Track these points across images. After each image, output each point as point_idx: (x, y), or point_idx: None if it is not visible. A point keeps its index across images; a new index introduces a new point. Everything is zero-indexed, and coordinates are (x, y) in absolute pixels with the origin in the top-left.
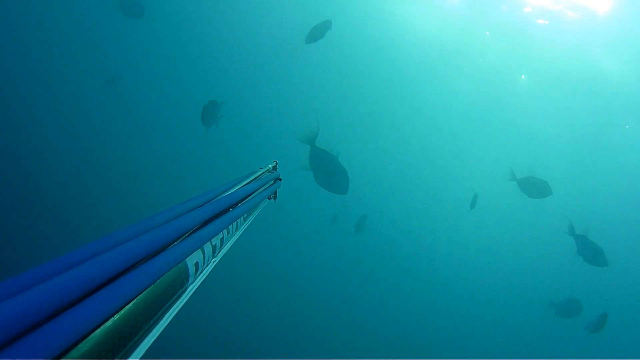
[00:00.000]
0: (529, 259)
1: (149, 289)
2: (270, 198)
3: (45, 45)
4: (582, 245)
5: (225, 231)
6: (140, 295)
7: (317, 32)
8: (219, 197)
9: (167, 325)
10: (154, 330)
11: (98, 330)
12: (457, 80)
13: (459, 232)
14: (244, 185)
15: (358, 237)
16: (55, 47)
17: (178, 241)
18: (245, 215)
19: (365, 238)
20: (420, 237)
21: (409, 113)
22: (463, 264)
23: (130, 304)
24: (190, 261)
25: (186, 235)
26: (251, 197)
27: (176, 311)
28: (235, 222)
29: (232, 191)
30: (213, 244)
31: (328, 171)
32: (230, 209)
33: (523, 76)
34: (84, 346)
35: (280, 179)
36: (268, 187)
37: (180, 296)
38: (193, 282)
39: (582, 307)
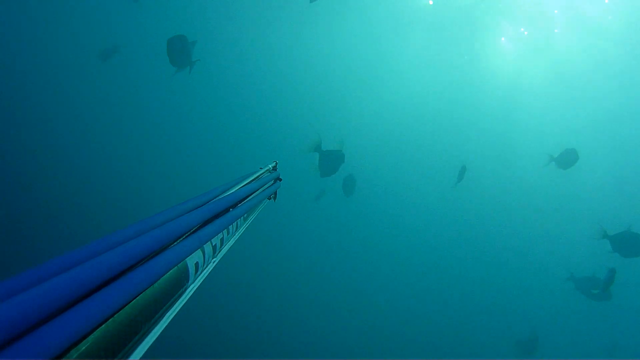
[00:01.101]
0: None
1: (149, 289)
2: (270, 198)
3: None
4: (616, 242)
5: (225, 231)
6: (140, 295)
7: None
8: (219, 197)
9: (167, 325)
10: (154, 330)
11: (98, 330)
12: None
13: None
14: (244, 185)
15: (347, 206)
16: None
17: (178, 241)
18: (245, 215)
19: (355, 209)
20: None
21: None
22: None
23: (130, 304)
24: (190, 261)
25: (186, 235)
26: (251, 197)
27: (176, 311)
28: (236, 222)
29: (232, 191)
30: (213, 244)
31: (333, 165)
32: (231, 209)
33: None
34: (84, 346)
35: (280, 179)
36: (268, 187)
37: (180, 296)
38: (193, 282)
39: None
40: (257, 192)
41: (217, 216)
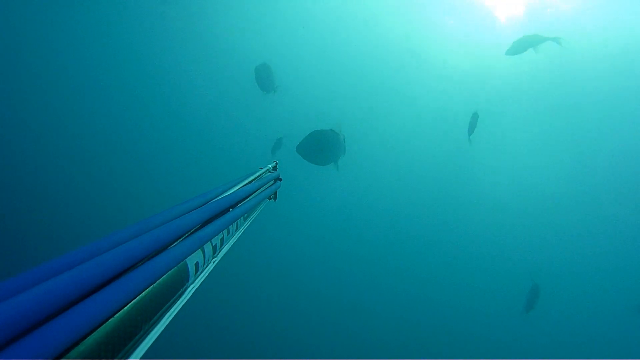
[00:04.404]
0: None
1: (149, 289)
2: (271, 198)
3: None
4: None
5: (225, 231)
6: (140, 295)
7: None
8: (219, 197)
9: (167, 325)
10: (154, 330)
11: (98, 330)
12: None
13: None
14: (244, 185)
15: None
16: None
17: (178, 241)
18: (245, 215)
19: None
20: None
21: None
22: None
23: (130, 304)
24: (190, 261)
25: (186, 235)
26: (251, 197)
27: (176, 311)
28: (236, 222)
29: (232, 191)
30: (213, 244)
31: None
32: (231, 209)
33: None
34: (84, 346)
35: (281, 179)
36: (268, 187)
37: (180, 296)
38: (193, 282)
39: None
40: (258, 192)
41: (217, 216)
